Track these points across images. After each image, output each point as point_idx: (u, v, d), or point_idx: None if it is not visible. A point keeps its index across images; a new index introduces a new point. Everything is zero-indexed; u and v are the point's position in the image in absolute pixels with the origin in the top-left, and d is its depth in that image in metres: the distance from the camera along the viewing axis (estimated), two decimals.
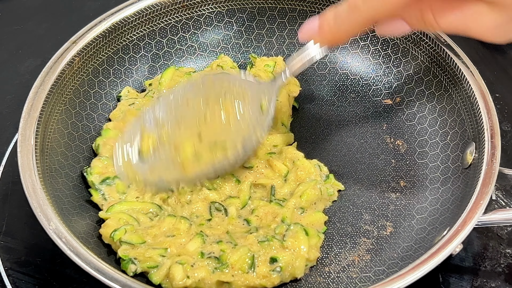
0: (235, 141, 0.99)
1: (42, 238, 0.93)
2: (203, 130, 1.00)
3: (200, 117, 1.01)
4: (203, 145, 0.99)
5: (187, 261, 0.93)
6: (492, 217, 0.93)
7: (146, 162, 1.00)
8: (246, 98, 1.03)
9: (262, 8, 1.31)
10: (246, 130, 1.00)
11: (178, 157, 0.99)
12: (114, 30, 1.21)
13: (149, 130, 1.03)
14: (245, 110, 1.01)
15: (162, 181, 1.00)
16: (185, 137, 1.00)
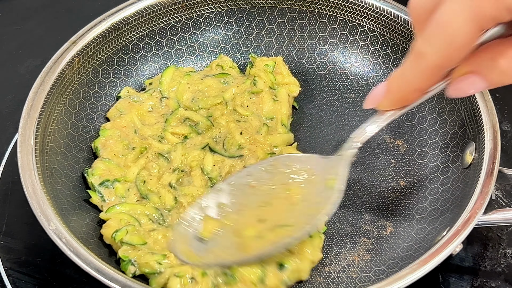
0: (301, 222, 0.91)
1: (42, 238, 0.93)
2: (268, 213, 0.94)
3: (264, 201, 0.96)
4: (266, 227, 0.93)
5: (185, 274, 0.92)
6: (492, 217, 0.93)
7: (205, 244, 0.94)
8: (312, 178, 0.96)
9: (262, 8, 1.31)
10: (313, 210, 0.91)
11: (239, 239, 0.93)
12: (114, 30, 1.22)
13: (210, 214, 0.97)
14: (312, 191, 0.94)
15: (221, 262, 0.93)
16: (248, 220, 0.94)
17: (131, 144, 1.13)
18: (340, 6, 1.27)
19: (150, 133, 1.15)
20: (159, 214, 1.03)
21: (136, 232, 0.99)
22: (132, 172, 1.09)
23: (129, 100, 1.21)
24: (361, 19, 1.26)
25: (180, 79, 1.24)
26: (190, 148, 1.13)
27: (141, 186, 1.07)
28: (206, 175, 1.10)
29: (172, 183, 1.08)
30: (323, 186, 0.93)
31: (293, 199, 0.95)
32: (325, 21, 1.30)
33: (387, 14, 1.23)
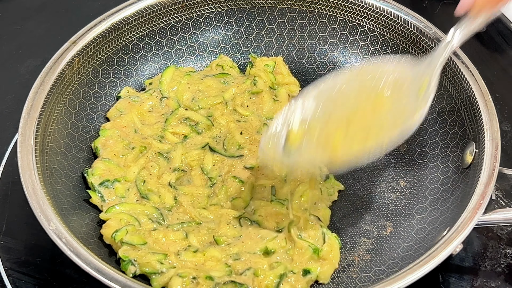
0: (390, 126, 0.92)
1: (42, 238, 0.93)
2: (357, 118, 0.94)
3: (353, 106, 0.95)
4: (355, 130, 0.92)
5: (188, 275, 0.92)
6: (492, 217, 0.93)
7: (295, 149, 0.94)
8: (403, 84, 0.96)
9: (262, 8, 1.31)
10: (402, 115, 0.93)
11: (329, 141, 0.92)
12: (114, 30, 1.21)
13: (299, 118, 0.96)
14: (402, 96, 0.95)
15: (312, 162, 0.95)
16: (337, 124, 0.93)
17: (131, 144, 1.13)
18: (340, 6, 1.27)
19: (150, 133, 1.16)
20: (159, 213, 1.03)
21: (136, 232, 0.99)
22: (132, 172, 1.09)
23: (129, 100, 1.21)
24: (361, 19, 1.26)
25: (180, 79, 1.24)
26: (190, 148, 1.13)
27: (141, 186, 1.07)
28: (206, 174, 1.10)
29: (172, 183, 1.08)
30: (415, 94, 0.94)
31: (382, 105, 0.94)
32: (325, 21, 1.30)
33: (387, 14, 1.23)
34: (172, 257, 0.95)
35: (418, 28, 1.19)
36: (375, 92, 0.96)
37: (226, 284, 0.92)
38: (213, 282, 0.91)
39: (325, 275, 0.96)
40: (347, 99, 0.96)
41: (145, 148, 1.12)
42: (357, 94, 0.97)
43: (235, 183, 1.08)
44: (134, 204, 1.05)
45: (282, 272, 0.93)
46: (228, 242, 0.99)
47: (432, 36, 1.17)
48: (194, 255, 0.96)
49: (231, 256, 0.96)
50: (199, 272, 0.93)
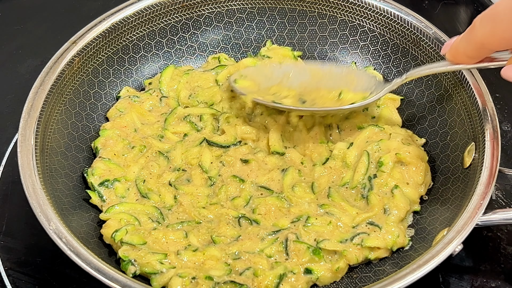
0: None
1: (42, 238, 0.93)
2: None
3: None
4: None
5: (188, 275, 0.92)
6: (492, 217, 0.93)
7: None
8: (355, 83, 1.13)
9: (262, 8, 1.31)
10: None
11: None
12: (114, 30, 1.21)
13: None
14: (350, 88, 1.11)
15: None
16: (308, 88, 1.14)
17: (131, 143, 1.13)
18: (340, 6, 1.27)
19: (150, 132, 1.16)
20: (159, 213, 1.03)
21: (136, 231, 0.99)
22: (132, 172, 1.09)
23: (129, 100, 1.21)
24: (361, 19, 1.26)
25: (179, 78, 1.24)
26: (189, 145, 1.13)
27: (141, 186, 1.07)
28: (205, 173, 1.10)
29: (172, 182, 1.08)
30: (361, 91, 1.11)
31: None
32: (325, 21, 1.30)
33: (387, 14, 1.23)
34: (172, 256, 0.95)
35: (418, 28, 1.19)
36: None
37: (226, 284, 0.92)
38: (212, 282, 0.91)
39: (325, 279, 0.96)
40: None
41: (145, 148, 1.12)
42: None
43: (235, 183, 1.08)
44: (134, 203, 1.05)
45: (282, 272, 0.93)
46: (226, 242, 0.99)
47: (432, 36, 1.17)
48: (193, 254, 0.96)
49: (231, 255, 0.96)
50: (199, 272, 0.93)
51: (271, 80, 1.17)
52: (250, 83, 1.17)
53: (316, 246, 0.96)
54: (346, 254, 0.96)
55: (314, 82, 1.15)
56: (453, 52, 0.89)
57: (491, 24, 0.73)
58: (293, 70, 1.18)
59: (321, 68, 1.17)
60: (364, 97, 1.09)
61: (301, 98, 1.12)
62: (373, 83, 1.11)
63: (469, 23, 1.54)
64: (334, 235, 0.98)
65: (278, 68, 1.19)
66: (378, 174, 1.05)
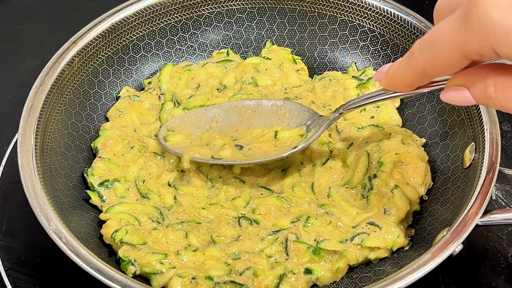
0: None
1: (42, 238, 0.93)
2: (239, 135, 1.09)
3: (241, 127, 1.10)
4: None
5: (188, 275, 0.92)
6: (492, 217, 0.93)
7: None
8: (288, 118, 1.08)
9: (262, 8, 1.31)
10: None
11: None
12: (114, 30, 1.22)
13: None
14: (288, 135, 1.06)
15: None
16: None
17: (131, 143, 1.13)
18: (340, 6, 1.27)
19: (146, 132, 1.15)
20: (159, 213, 1.03)
21: (136, 231, 0.99)
22: (132, 172, 1.09)
23: (129, 100, 1.21)
24: (361, 19, 1.26)
25: (180, 75, 1.24)
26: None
27: (140, 186, 1.07)
28: (205, 176, 1.10)
29: (171, 182, 1.08)
30: (297, 131, 1.06)
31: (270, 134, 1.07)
32: (325, 21, 1.30)
33: (387, 14, 1.23)
34: (172, 256, 0.95)
35: (418, 28, 1.19)
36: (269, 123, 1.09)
37: (226, 284, 0.91)
38: (212, 282, 0.91)
39: (325, 279, 0.96)
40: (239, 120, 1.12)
41: (144, 147, 1.12)
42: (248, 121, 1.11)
43: (235, 183, 1.08)
44: (134, 203, 1.05)
45: (282, 272, 0.93)
46: (226, 242, 0.99)
47: None
48: (193, 254, 0.96)
49: (231, 255, 0.96)
50: (199, 272, 0.93)
51: (200, 127, 1.13)
52: (181, 137, 1.11)
53: (316, 246, 0.96)
54: (346, 254, 0.96)
55: (245, 121, 1.11)
56: (390, 81, 0.83)
57: (432, 51, 0.71)
58: (219, 112, 1.13)
59: (249, 105, 1.12)
60: (301, 134, 1.05)
61: (237, 144, 1.07)
62: (307, 116, 1.07)
63: None
64: (334, 235, 0.98)
65: (204, 113, 1.14)
66: (378, 174, 1.05)
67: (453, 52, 0.66)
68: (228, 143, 1.07)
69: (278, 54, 1.28)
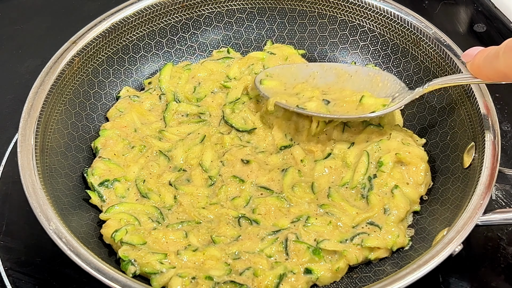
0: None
1: (42, 238, 0.93)
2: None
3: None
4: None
5: (188, 275, 0.92)
6: (492, 217, 0.93)
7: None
8: (380, 88, 1.13)
9: (262, 8, 1.31)
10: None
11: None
12: (114, 30, 1.22)
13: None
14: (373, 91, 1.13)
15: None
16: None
17: (131, 143, 1.13)
18: (340, 6, 1.27)
19: (149, 132, 1.15)
20: (159, 213, 1.03)
21: (136, 231, 0.99)
22: (132, 171, 1.09)
23: (129, 100, 1.21)
24: (361, 19, 1.26)
25: (180, 75, 1.24)
26: (191, 144, 1.13)
27: (141, 185, 1.07)
28: (205, 172, 1.10)
29: (172, 181, 1.08)
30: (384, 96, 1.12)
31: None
32: (325, 21, 1.30)
33: (387, 14, 1.23)
34: (172, 256, 0.95)
35: (418, 28, 1.19)
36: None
37: (226, 284, 0.92)
38: (212, 282, 0.91)
39: (325, 279, 0.96)
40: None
41: (145, 147, 1.12)
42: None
43: (235, 183, 1.08)
44: (134, 203, 1.05)
45: (282, 272, 0.93)
46: (226, 242, 0.99)
47: (432, 36, 1.17)
48: (193, 254, 0.96)
49: (231, 255, 0.96)
50: (199, 272, 0.93)
51: (297, 79, 1.18)
52: (276, 83, 1.17)
53: (316, 246, 0.96)
54: (346, 254, 0.96)
55: (340, 82, 1.16)
56: (475, 69, 0.91)
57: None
58: (319, 70, 1.18)
59: (348, 69, 1.17)
60: (385, 104, 1.09)
61: (325, 98, 1.12)
62: (397, 89, 1.11)
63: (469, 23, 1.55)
64: (334, 235, 0.98)
65: (305, 68, 1.19)
66: (378, 174, 1.05)
67: None
68: (317, 95, 1.12)
69: (282, 49, 1.28)
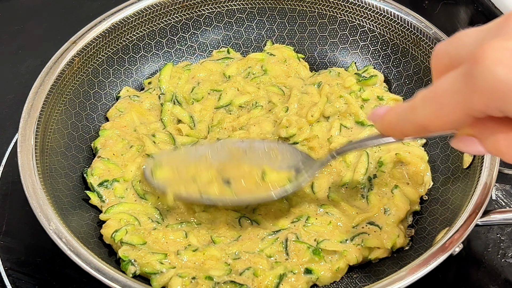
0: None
1: (42, 238, 0.93)
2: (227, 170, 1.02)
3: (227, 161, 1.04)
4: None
5: (188, 275, 0.92)
6: (492, 217, 0.93)
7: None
8: (280, 160, 1.03)
9: (262, 8, 1.31)
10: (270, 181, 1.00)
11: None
12: (114, 30, 1.22)
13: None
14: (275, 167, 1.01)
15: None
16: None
17: (130, 143, 1.13)
18: (340, 6, 1.27)
19: (146, 131, 1.15)
20: (158, 213, 1.03)
21: (136, 231, 0.99)
22: (130, 171, 1.08)
23: (129, 100, 1.21)
24: (361, 19, 1.26)
25: (179, 75, 1.24)
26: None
27: (137, 186, 1.06)
28: None
29: None
30: (287, 173, 1.00)
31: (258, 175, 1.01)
32: (325, 21, 1.30)
33: (387, 14, 1.23)
34: (172, 256, 0.95)
35: (418, 28, 1.19)
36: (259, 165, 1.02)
37: (226, 284, 0.92)
38: (212, 282, 0.91)
39: (325, 279, 0.96)
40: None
41: (142, 147, 1.12)
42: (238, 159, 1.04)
43: None
44: (133, 203, 1.05)
45: (282, 272, 0.93)
46: (226, 242, 0.99)
47: (432, 36, 1.17)
48: (193, 254, 0.96)
49: (231, 255, 0.96)
50: (199, 272, 0.93)
51: (188, 165, 1.05)
52: (168, 172, 1.05)
53: (316, 246, 0.96)
54: (346, 254, 0.96)
55: (235, 160, 1.05)
56: (385, 127, 0.79)
57: (433, 108, 0.67)
58: (210, 150, 1.07)
59: (241, 145, 1.06)
60: (289, 177, 0.99)
61: (224, 177, 1.01)
62: (299, 159, 1.02)
63: (469, 23, 1.55)
64: (334, 235, 0.98)
65: (194, 151, 1.10)
66: (378, 174, 1.05)
67: (455, 111, 0.62)
68: (215, 177, 1.01)
69: (281, 51, 1.28)
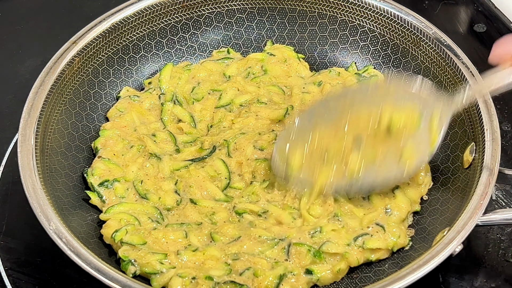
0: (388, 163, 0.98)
1: (42, 238, 0.93)
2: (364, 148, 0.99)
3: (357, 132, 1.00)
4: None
5: (188, 275, 0.92)
6: (492, 217, 0.93)
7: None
8: (414, 113, 0.99)
9: (262, 8, 1.31)
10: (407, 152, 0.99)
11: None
12: (114, 30, 1.22)
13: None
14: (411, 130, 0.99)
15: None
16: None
17: (131, 143, 1.13)
18: (340, 6, 1.27)
19: (146, 131, 1.15)
20: (159, 213, 1.03)
21: (136, 231, 0.99)
22: (131, 171, 1.08)
23: (129, 100, 1.21)
24: (361, 19, 1.26)
25: (180, 75, 1.24)
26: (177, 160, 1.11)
27: (139, 187, 1.06)
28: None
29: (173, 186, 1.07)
30: (424, 129, 0.99)
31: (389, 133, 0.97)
32: (325, 21, 1.30)
33: (387, 14, 1.23)
34: (172, 256, 0.95)
35: (418, 28, 1.19)
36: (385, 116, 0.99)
37: (226, 284, 0.91)
38: (212, 282, 0.91)
39: (325, 279, 0.96)
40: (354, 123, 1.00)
41: (142, 147, 1.12)
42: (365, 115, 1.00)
43: None
44: (134, 203, 1.05)
45: (282, 273, 0.93)
46: (226, 241, 0.99)
47: (432, 36, 1.17)
48: (193, 254, 0.96)
49: (231, 255, 0.96)
50: (199, 272, 0.93)
51: (314, 137, 1.01)
52: (301, 157, 1.02)
53: (317, 249, 0.96)
54: (348, 256, 0.96)
55: (347, 104, 0.99)
56: None
57: None
58: (319, 115, 1.03)
59: (345, 95, 1.03)
60: (418, 119, 0.97)
61: (355, 135, 0.98)
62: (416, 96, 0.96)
63: (469, 23, 1.55)
64: (340, 238, 0.98)
65: (307, 123, 1.04)
66: None
67: None
68: (346, 140, 0.98)
69: (282, 51, 1.28)
